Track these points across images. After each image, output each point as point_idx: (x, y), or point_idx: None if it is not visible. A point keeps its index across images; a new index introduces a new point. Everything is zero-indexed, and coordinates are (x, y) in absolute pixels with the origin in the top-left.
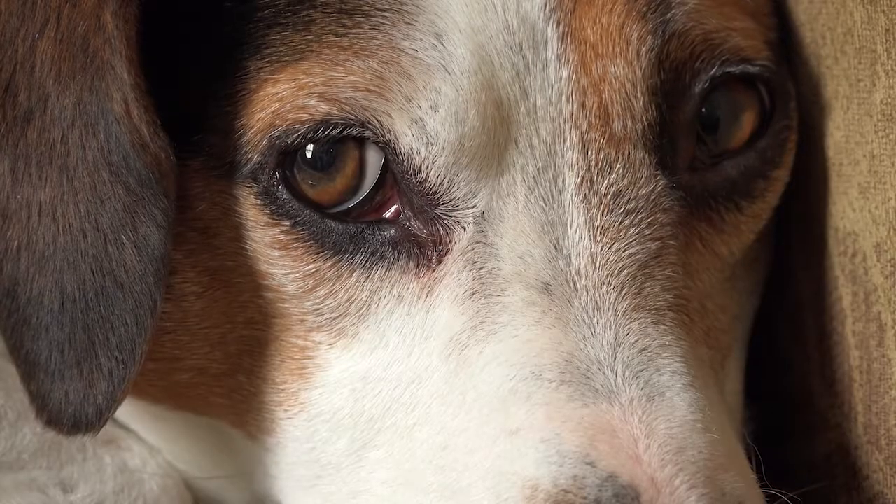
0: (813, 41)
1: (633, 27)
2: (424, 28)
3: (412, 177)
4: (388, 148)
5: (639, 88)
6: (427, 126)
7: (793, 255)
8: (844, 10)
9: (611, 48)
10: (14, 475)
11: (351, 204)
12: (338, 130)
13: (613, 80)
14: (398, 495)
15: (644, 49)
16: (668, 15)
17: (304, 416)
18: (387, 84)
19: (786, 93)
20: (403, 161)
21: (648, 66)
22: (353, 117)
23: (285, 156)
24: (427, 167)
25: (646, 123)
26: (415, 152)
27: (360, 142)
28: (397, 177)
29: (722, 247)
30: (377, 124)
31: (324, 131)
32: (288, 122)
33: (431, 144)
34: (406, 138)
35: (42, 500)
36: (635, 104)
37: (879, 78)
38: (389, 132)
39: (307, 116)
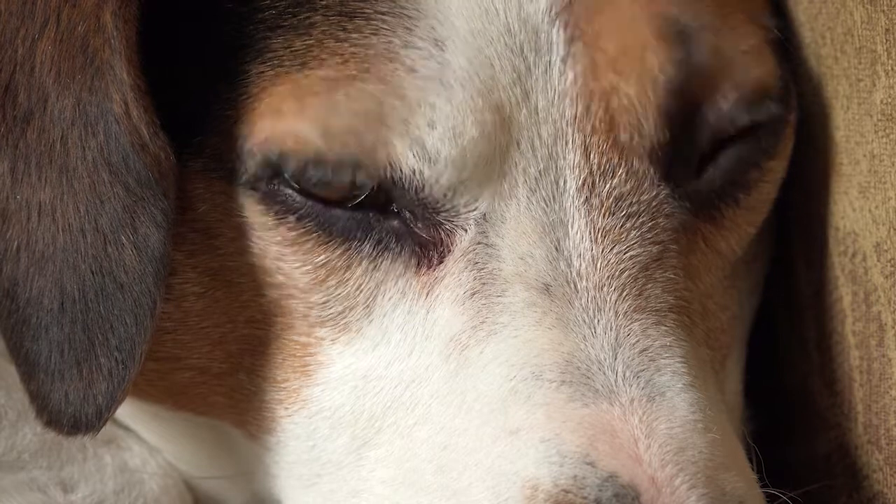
0: (813, 41)
1: (656, 53)
2: (423, 34)
3: (414, 196)
4: (384, 181)
5: (650, 112)
6: (427, 145)
7: (793, 255)
8: (844, 10)
9: (628, 68)
10: (14, 475)
11: (353, 201)
12: (328, 173)
13: (624, 97)
14: (398, 494)
15: (662, 78)
16: (692, 46)
17: (305, 414)
18: (386, 107)
19: (786, 92)
20: (404, 185)
21: (665, 95)
22: (348, 158)
23: (281, 173)
24: (430, 186)
25: (655, 143)
26: (417, 173)
27: None
28: (396, 198)
29: (722, 243)
30: (369, 163)
31: (314, 170)
32: (286, 148)
33: (434, 163)
34: (408, 161)
35: (42, 500)
36: (644, 125)
37: (879, 78)
38: (385, 167)
39: (301, 150)
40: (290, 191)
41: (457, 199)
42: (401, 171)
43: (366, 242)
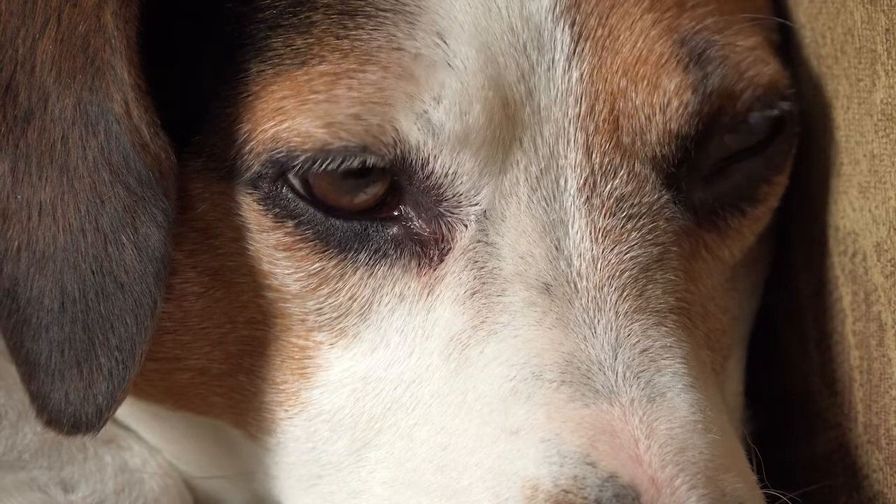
0: (813, 41)
1: (671, 78)
2: (427, 27)
3: (419, 173)
4: (394, 164)
5: (654, 127)
6: (432, 118)
7: (793, 255)
8: (844, 10)
9: (640, 78)
10: (14, 475)
11: (359, 207)
12: (336, 164)
13: (629, 103)
14: (398, 495)
15: (675, 104)
16: (709, 69)
17: (305, 416)
18: (387, 91)
19: (795, 101)
20: (411, 162)
21: (678, 119)
22: (354, 145)
23: (287, 170)
24: (434, 157)
25: (658, 153)
26: (422, 145)
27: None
28: (402, 183)
29: (725, 251)
30: (380, 145)
31: (321, 164)
32: (290, 146)
33: (437, 135)
34: (412, 134)
35: (42, 499)
36: (648, 135)
37: (879, 78)
38: (394, 145)
39: (308, 145)
40: (292, 195)
41: (458, 184)
42: (408, 144)
43: (362, 252)
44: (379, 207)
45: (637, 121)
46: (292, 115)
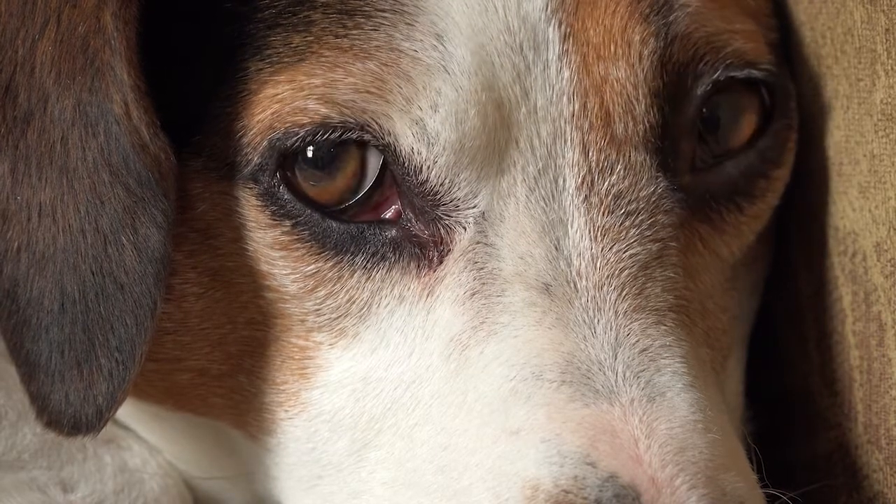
0: (813, 41)
1: (636, 29)
2: (425, 29)
3: (413, 178)
4: (387, 150)
5: (640, 91)
6: (427, 127)
7: (793, 255)
8: (844, 10)
9: (613, 50)
10: (14, 475)
11: (349, 202)
12: (337, 134)
13: (615, 82)
14: (399, 496)
15: (646, 52)
16: (671, 17)
17: (305, 417)
18: (386, 86)
19: (787, 93)
20: (404, 163)
21: (650, 69)
22: (353, 120)
23: (285, 157)
24: (428, 168)
25: (647, 126)
26: (416, 153)
27: (362, 143)
28: (397, 178)
29: (723, 247)
30: (376, 127)
31: (322, 135)
32: (287, 125)
33: (432, 145)
34: (407, 139)
35: (42, 499)
36: (637, 106)
37: (879, 78)
38: (389, 134)
39: (306, 120)
40: (289, 195)
41: (455, 190)
42: (402, 149)
43: (359, 255)
44: (373, 206)
45: (625, 97)
46: (290, 100)
